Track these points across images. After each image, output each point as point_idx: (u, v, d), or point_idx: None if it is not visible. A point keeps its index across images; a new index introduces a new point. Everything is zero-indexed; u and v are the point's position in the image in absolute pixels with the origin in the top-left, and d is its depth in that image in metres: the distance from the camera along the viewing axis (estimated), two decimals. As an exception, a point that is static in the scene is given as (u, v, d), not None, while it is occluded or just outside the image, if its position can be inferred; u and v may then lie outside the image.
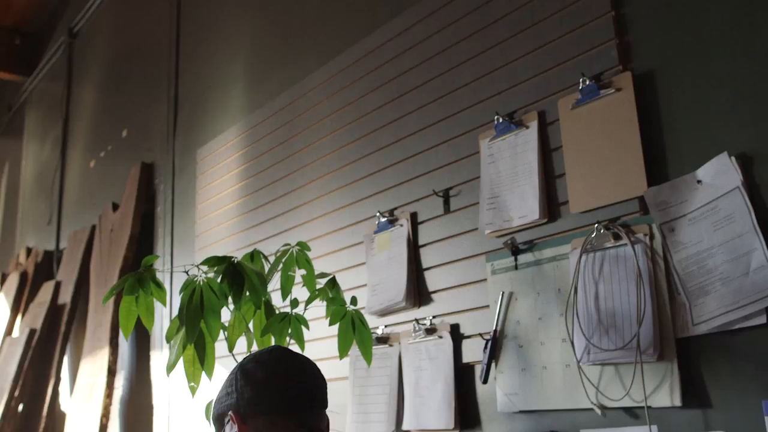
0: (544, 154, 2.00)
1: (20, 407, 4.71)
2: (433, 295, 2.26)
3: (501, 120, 2.11)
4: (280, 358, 1.45)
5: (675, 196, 1.70)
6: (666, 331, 1.68)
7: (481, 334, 2.08)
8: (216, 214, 3.45)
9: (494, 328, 2.03)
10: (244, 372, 1.43)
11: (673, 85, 1.75)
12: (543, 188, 1.98)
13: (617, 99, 1.84)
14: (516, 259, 2.02)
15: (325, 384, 1.48)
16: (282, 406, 1.39)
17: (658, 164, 1.75)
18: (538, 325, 1.95)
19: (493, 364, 2.03)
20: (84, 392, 4.16)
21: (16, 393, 4.66)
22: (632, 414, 1.74)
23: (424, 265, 2.31)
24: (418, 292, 2.31)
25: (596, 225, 1.82)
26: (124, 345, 4.09)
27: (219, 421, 1.47)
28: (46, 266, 5.49)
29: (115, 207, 4.45)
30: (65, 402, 4.63)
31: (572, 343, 1.84)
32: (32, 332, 4.75)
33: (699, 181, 1.67)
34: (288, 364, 1.45)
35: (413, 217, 2.37)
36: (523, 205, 2.02)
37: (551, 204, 1.97)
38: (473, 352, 2.12)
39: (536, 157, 2.00)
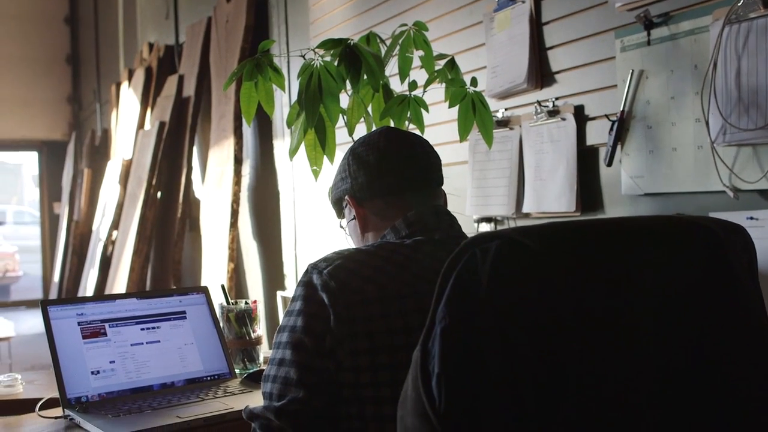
0: None
1: (158, 195, 5.05)
2: (557, 76, 2.17)
3: None
4: (390, 139, 1.41)
5: (842, -46, 1.49)
6: (816, 108, 1.55)
7: (607, 116, 1.99)
8: (329, -1, 3.36)
9: (621, 109, 1.94)
10: (355, 156, 1.42)
11: None
12: (684, -48, 1.79)
13: None
14: (649, 34, 1.88)
15: (439, 161, 1.46)
16: (396, 188, 1.38)
17: None
18: (670, 105, 1.85)
19: (618, 146, 1.96)
20: (214, 180, 4.39)
21: (153, 182, 4.98)
22: (767, 197, 1.66)
23: (547, 44, 2.19)
24: (540, 73, 2.21)
25: (744, -9, 1.64)
26: (248, 134, 4.23)
27: (338, 204, 1.49)
28: (169, 60, 5.63)
29: (229, -3, 4.42)
30: (198, 189, 4.91)
31: (707, 123, 1.74)
32: (162, 125, 4.98)
33: None
34: (399, 144, 1.41)
35: (536, -8, 2.22)
36: (659, -28, 1.84)
37: (692, -30, 1.79)
38: (598, 134, 2.05)
39: None
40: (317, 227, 3.49)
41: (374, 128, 1.92)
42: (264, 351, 2.03)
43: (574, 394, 0.85)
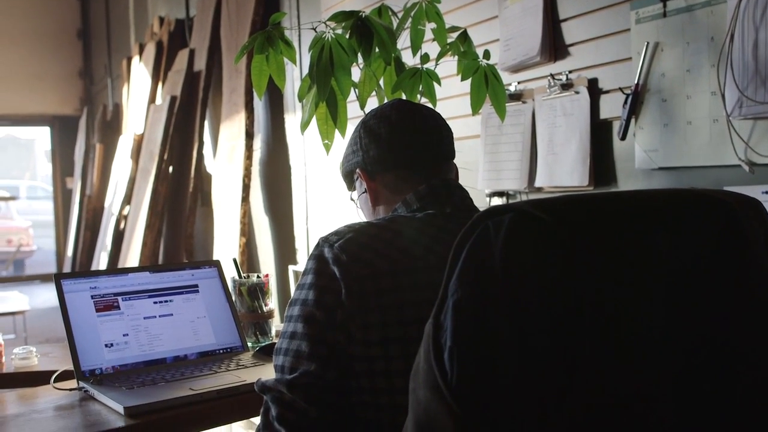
0: None
1: (170, 169, 5.05)
2: (570, 49, 2.14)
3: None
4: (402, 112, 1.40)
5: None
6: (834, 80, 1.53)
7: (621, 89, 1.97)
8: (340, -28, 3.33)
9: (636, 82, 1.92)
10: (367, 129, 1.40)
11: None
12: None
13: None
14: (665, 6, 1.85)
15: (451, 134, 1.44)
16: (407, 162, 1.38)
17: None
18: (686, 78, 1.82)
19: (632, 120, 1.94)
20: (225, 154, 4.38)
21: (165, 156, 4.99)
22: (784, 170, 1.64)
23: (561, 15, 2.16)
24: (553, 46, 2.18)
25: (762, -39, 1.61)
26: (259, 108, 4.22)
27: (349, 177, 1.48)
28: (179, 34, 5.60)
29: (239, -30, 4.39)
30: (209, 163, 4.91)
31: (723, 96, 1.71)
32: (173, 99, 4.97)
33: None
34: (410, 117, 1.40)
35: (550, -37, 2.19)
36: (676, -58, 1.81)
37: (710, -60, 1.75)
38: (612, 107, 2.03)
39: None
40: (329, 201, 3.49)
41: (386, 101, 1.91)
42: (276, 324, 2.04)
43: (586, 368, 0.85)
